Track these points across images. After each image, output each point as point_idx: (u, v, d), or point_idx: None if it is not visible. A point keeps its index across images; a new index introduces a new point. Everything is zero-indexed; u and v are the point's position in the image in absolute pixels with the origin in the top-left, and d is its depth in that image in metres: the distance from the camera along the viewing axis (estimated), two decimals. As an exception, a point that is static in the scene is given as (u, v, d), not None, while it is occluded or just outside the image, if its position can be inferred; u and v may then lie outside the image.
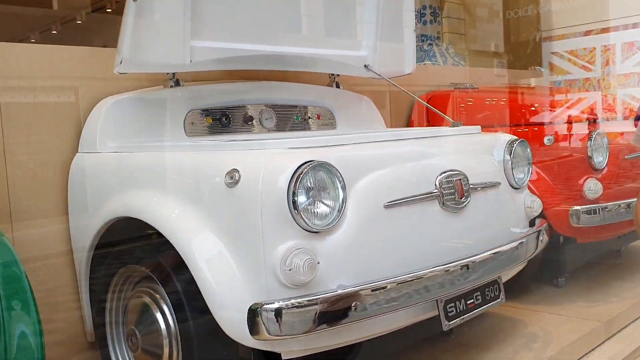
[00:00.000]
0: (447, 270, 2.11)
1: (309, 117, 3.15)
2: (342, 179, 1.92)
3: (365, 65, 3.21)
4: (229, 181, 1.90)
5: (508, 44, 5.80)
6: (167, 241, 1.98)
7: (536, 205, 2.70)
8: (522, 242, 2.48)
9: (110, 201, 2.27)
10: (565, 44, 5.56)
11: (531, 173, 2.74)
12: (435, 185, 2.19)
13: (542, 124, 3.55)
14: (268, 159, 1.91)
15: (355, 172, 2.02)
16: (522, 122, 3.61)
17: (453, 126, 2.80)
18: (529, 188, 2.81)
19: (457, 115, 3.89)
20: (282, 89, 3.08)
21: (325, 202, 1.90)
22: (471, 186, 2.31)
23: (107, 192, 2.32)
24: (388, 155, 2.20)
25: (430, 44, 5.32)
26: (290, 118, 3.07)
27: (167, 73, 2.64)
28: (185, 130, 2.65)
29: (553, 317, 3.09)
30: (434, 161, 2.32)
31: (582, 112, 3.83)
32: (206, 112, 2.74)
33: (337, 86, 3.34)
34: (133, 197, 2.19)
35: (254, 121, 2.91)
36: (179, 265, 1.94)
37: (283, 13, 2.84)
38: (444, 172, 2.23)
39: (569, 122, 3.54)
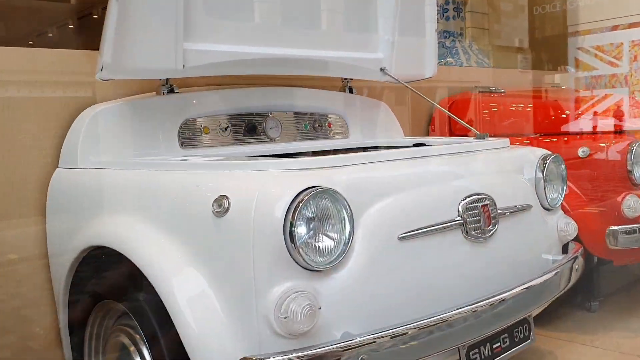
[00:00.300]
0: (475, 311, 1.82)
1: (319, 126, 2.87)
2: (349, 207, 1.64)
3: (381, 69, 2.92)
4: (217, 209, 1.63)
5: (534, 40, 5.52)
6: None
7: (571, 229, 2.40)
8: (556, 273, 2.18)
9: (87, 226, 1.99)
10: (592, 39, 5.25)
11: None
12: (458, 211, 1.91)
13: (575, 133, 3.23)
14: (262, 183, 1.64)
15: (365, 199, 1.73)
16: (553, 132, 3.30)
17: (477, 138, 2.50)
18: (562, 207, 2.51)
19: (481, 123, 3.59)
20: (289, 95, 2.79)
21: (329, 234, 1.62)
22: (499, 212, 2.02)
23: (84, 215, 2.05)
24: (403, 178, 1.91)
25: (453, 40, 5.05)
26: (298, 127, 2.80)
27: (160, 79, 2.38)
28: (179, 142, 2.39)
29: (587, 348, 2.80)
30: (456, 183, 2.03)
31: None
32: (204, 121, 2.47)
33: (351, 91, 3.06)
34: (109, 223, 1.91)
35: (257, 131, 2.64)
36: (159, 304, 1.67)
37: (288, 11, 2.54)
38: (468, 197, 1.94)
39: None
